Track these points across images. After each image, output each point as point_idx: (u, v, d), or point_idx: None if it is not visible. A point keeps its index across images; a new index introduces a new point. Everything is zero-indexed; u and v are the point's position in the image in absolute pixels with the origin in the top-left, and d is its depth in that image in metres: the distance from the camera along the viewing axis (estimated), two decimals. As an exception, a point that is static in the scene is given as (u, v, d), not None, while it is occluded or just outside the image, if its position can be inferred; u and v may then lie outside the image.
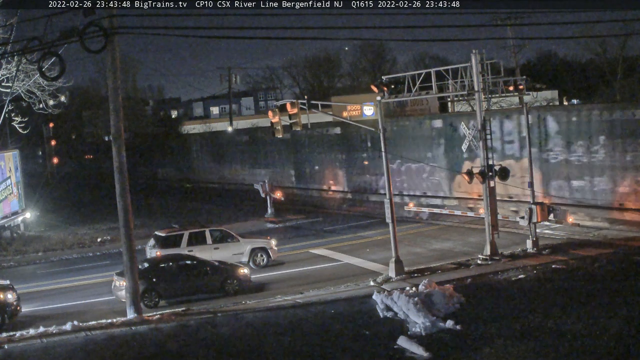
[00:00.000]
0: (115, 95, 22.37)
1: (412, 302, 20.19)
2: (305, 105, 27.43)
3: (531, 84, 44.02)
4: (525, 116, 29.72)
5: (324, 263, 30.11)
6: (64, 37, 19.68)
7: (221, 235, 30.31)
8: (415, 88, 28.39)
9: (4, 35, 32.52)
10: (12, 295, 23.34)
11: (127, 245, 22.54)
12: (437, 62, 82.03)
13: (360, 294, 23.36)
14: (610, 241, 28.81)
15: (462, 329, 18.80)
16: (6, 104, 33.92)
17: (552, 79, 75.93)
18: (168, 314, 22.68)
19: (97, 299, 26.20)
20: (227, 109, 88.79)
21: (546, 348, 16.97)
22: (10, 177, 41.63)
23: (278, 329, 20.16)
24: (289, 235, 37.24)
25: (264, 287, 26.64)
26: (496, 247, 27.20)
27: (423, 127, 41.13)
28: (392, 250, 25.92)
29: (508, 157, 35.37)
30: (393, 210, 26.05)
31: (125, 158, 22.51)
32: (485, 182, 26.87)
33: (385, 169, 26.53)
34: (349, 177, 47.18)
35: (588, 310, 19.40)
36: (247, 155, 58.94)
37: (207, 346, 19.06)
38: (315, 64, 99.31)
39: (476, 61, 26.64)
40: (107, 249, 37.05)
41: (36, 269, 33.74)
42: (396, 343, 18.03)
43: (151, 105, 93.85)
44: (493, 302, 21.30)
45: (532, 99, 49.32)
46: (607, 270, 23.98)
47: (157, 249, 28.70)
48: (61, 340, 20.14)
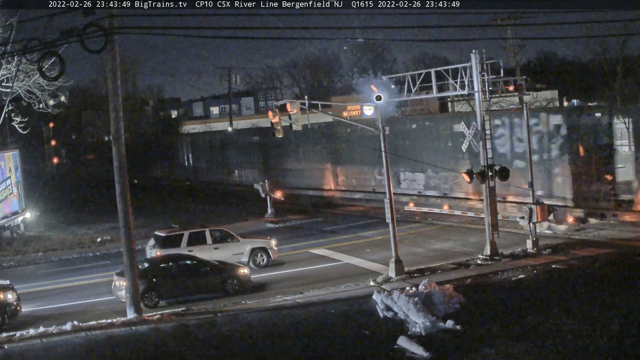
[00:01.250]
0: (115, 95, 22.37)
1: (412, 302, 20.19)
2: (305, 105, 27.45)
3: (531, 84, 44.04)
4: (526, 116, 29.72)
5: (324, 263, 30.10)
6: (64, 37, 19.65)
7: (221, 235, 30.30)
8: (415, 88, 28.40)
9: (4, 35, 32.53)
10: (12, 295, 23.33)
11: (127, 245, 22.54)
12: (437, 62, 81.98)
13: (360, 294, 23.36)
14: (610, 241, 28.82)
15: (462, 329, 18.81)
16: (6, 104, 33.88)
17: (552, 79, 75.91)
18: (168, 314, 22.68)
19: (97, 299, 26.18)
20: (227, 109, 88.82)
21: (546, 348, 16.98)
22: (10, 177, 41.63)
23: (278, 329, 20.16)
24: (289, 235, 37.24)
25: (264, 287, 26.63)
26: (496, 247, 27.20)
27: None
28: (392, 250, 25.94)
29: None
30: (393, 210, 26.05)
31: (125, 158, 22.52)
32: (485, 182, 26.87)
33: (385, 169, 26.53)
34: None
35: (588, 310, 19.41)
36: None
37: (207, 346, 19.07)
38: (315, 64, 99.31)
39: (476, 61, 26.64)
40: (107, 249, 37.02)
41: (36, 269, 33.73)
42: (396, 343, 18.04)
43: (151, 105, 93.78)
44: (493, 302, 21.31)
45: (532, 99, 49.33)
46: (607, 270, 23.99)
47: (157, 249, 28.70)
48: (61, 340, 20.15)
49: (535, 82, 61.33)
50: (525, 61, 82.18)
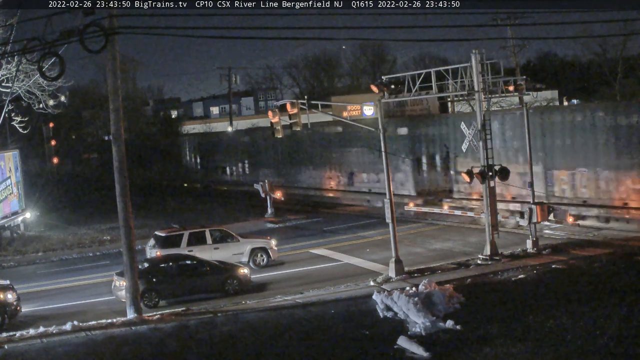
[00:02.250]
0: (115, 95, 22.36)
1: (412, 302, 20.19)
2: (305, 105, 27.44)
3: (531, 84, 44.03)
4: (526, 116, 29.69)
5: (324, 263, 30.10)
6: (64, 37, 19.68)
7: (221, 235, 30.30)
8: (415, 88, 28.39)
9: (4, 35, 32.56)
10: (12, 295, 23.33)
11: (127, 245, 22.54)
12: (437, 62, 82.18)
13: (360, 294, 23.36)
14: (610, 241, 28.82)
15: (462, 329, 18.81)
16: (6, 104, 33.94)
17: (552, 79, 76.00)
18: (168, 314, 22.68)
19: (97, 299, 26.18)
20: (227, 109, 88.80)
21: (546, 348, 16.98)
22: (10, 177, 41.61)
23: (278, 329, 20.16)
24: (289, 235, 37.23)
25: (264, 287, 26.63)
26: (496, 247, 27.20)
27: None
28: (392, 250, 25.93)
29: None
30: (393, 210, 26.04)
31: (125, 158, 22.51)
32: (485, 182, 26.86)
33: (385, 168, 26.53)
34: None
35: (588, 310, 19.40)
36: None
37: (207, 346, 19.07)
38: (315, 64, 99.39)
39: (476, 61, 26.63)
40: (107, 249, 37.01)
41: (36, 269, 33.72)
42: (396, 343, 18.03)
43: (151, 105, 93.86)
44: (493, 302, 21.30)
45: (532, 99, 49.34)
46: (607, 270, 23.98)
47: (157, 249, 28.69)
48: (61, 340, 20.14)
49: (535, 82, 61.31)
50: (525, 61, 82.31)
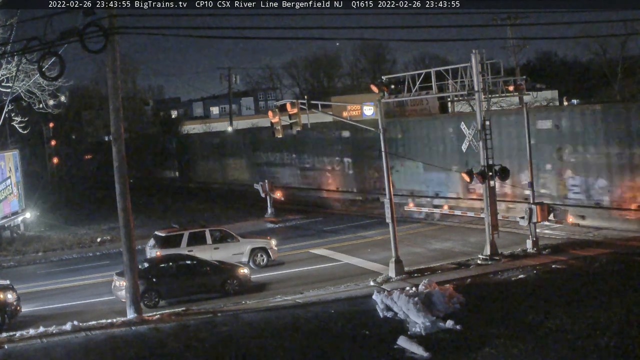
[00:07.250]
0: (115, 95, 22.36)
1: (412, 302, 20.19)
2: (305, 105, 27.44)
3: (531, 84, 43.97)
4: (525, 116, 29.67)
5: (324, 263, 30.10)
6: (64, 37, 19.67)
7: (221, 235, 30.31)
8: (415, 88, 28.37)
9: (4, 35, 32.56)
10: (12, 295, 23.34)
11: (127, 245, 22.54)
12: (437, 62, 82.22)
13: (360, 294, 23.36)
14: (610, 241, 28.82)
15: (462, 329, 18.80)
16: (6, 104, 33.97)
17: (552, 79, 75.98)
18: (168, 314, 22.68)
19: (97, 299, 26.20)
20: (227, 109, 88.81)
21: (546, 348, 16.98)
22: (10, 177, 41.62)
23: (278, 329, 20.16)
24: (289, 235, 37.23)
25: (264, 287, 26.63)
26: (496, 247, 27.20)
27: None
28: (392, 250, 25.93)
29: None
30: (393, 210, 26.04)
31: (125, 158, 22.51)
32: (485, 182, 26.86)
33: (385, 168, 26.53)
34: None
35: (588, 310, 19.40)
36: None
37: (207, 346, 19.06)
38: (315, 64, 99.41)
39: (476, 61, 26.62)
40: (107, 249, 37.03)
41: (36, 269, 33.73)
42: (396, 343, 18.02)
43: (151, 105, 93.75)
44: (493, 302, 21.30)
45: (532, 99, 49.29)
46: (607, 270, 23.98)
47: (157, 249, 28.69)
48: (61, 340, 20.14)
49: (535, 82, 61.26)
50: (525, 61, 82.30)
